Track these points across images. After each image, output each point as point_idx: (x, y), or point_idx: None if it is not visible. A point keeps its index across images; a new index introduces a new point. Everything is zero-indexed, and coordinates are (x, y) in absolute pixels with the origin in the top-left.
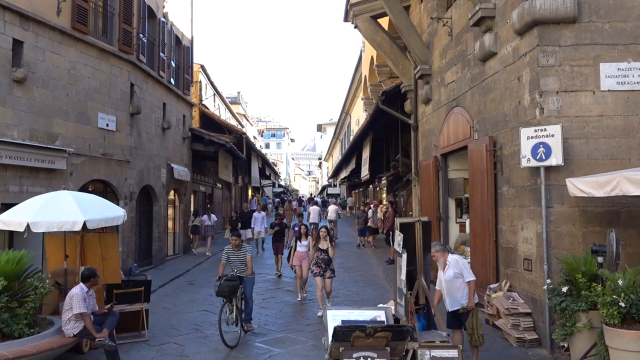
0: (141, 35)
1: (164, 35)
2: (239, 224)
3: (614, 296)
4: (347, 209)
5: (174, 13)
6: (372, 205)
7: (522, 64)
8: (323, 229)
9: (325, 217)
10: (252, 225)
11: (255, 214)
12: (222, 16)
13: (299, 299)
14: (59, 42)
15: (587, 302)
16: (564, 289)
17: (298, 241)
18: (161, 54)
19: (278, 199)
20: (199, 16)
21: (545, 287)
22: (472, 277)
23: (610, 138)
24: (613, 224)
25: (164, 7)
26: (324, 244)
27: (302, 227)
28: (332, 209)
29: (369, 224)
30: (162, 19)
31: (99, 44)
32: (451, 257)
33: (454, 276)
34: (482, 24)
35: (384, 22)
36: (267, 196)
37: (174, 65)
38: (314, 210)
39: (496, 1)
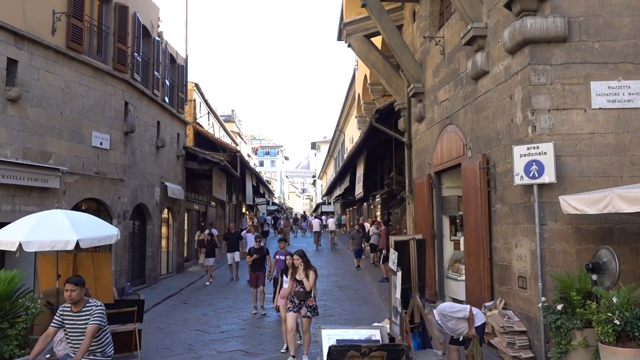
0: (136, 54)
1: (158, 54)
2: (216, 248)
3: (609, 314)
4: (342, 227)
5: (168, 32)
6: (372, 224)
7: (513, 82)
8: (295, 255)
9: (327, 228)
10: (244, 248)
11: (247, 235)
12: (217, 35)
13: (283, 351)
14: (54, 61)
15: (582, 319)
16: (559, 307)
17: (284, 275)
18: (155, 73)
19: (270, 217)
20: (194, 35)
21: (540, 304)
22: (463, 313)
23: (602, 155)
24: (606, 241)
25: (158, 26)
26: (300, 274)
27: (289, 257)
28: (331, 221)
29: (371, 241)
30: (157, 38)
31: (93, 63)
32: (436, 314)
33: (452, 325)
34: (474, 43)
35: (377, 41)
36: (264, 214)
37: (168, 83)
38: (315, 222)
39: (488, 21)
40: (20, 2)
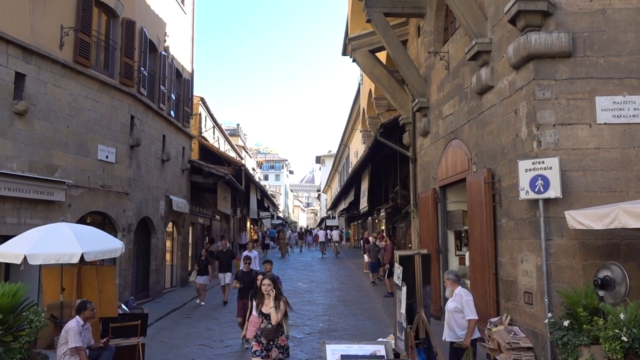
0: (142, 68)
1: (164, 68)
2: (209, 265)
3: (616, 330)
4: (348, 240)
5: (174, 47)
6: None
7: (518, 97)
8: (266, 280)
9: (331, 239)
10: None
11: (245, 253)
12: (223, 49)
13: None
14: (61, 75)
15: (589, 336)
16: (566, 323)
17: (253, 300)
18: (161, 87)
19: (274, 229)
20: (200, 50)
21: (546, 320)
22: (472, 316)
23: (608, 170)
24: (613, 257)
25: (165, 41)
26: (267, 305)
27: (259, 277)
28: (335, 233)
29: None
30: (163, 53)
31: (100, 77)
32: (458, 290)
33: (454, 309)
34: (479, 58)
35: (381, 55)
36: (272, 229)
37: (174, 97)
38: (321, 233)
39: (492, 36)
40: (28, 17)
